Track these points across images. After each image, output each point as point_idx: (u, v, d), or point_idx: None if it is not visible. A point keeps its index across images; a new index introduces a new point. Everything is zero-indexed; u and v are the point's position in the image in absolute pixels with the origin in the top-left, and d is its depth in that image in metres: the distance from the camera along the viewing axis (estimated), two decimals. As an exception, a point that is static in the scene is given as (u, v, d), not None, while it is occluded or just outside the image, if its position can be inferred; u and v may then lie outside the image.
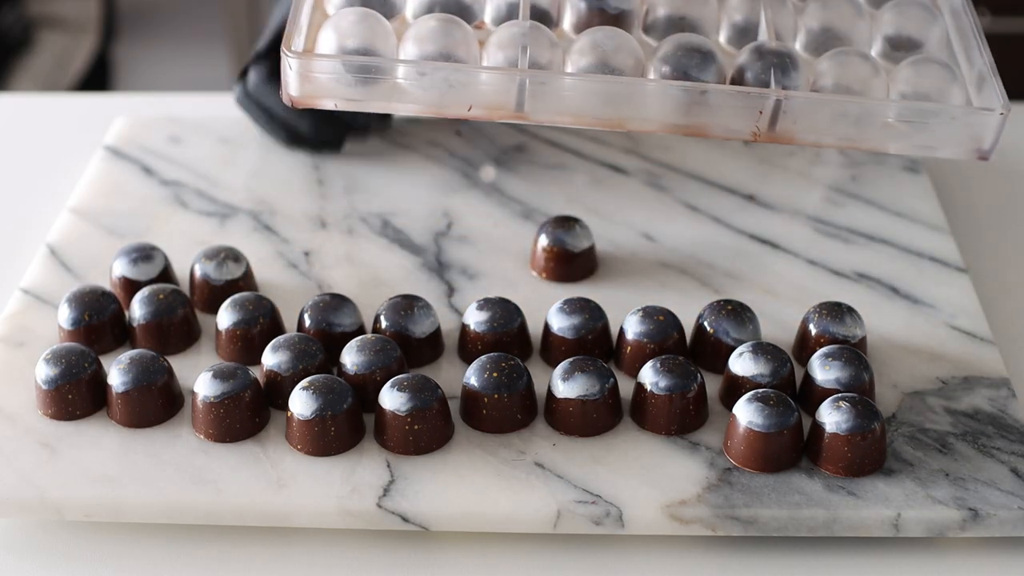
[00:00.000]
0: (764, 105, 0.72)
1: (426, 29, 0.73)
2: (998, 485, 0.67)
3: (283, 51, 0.71)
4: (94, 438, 0.70)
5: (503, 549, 0.67)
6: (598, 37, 0.74)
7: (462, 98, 0.72)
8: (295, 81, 0.72)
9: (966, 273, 0.82)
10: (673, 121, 0.73)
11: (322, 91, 0.72)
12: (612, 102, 0.72)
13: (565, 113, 0.73)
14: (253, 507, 0.67)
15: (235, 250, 0.80)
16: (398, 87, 0.71)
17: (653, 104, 0.73)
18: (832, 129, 0.73)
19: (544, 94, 0.72)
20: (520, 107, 0.72)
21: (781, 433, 0.67)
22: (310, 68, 0.71)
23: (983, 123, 0.72)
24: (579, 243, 0.81)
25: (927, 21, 0.79)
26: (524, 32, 0.73)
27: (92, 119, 1.02)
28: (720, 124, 0.73)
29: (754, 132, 0.73)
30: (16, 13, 1.94)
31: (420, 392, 0.68)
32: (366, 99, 0.72)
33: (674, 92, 0.72)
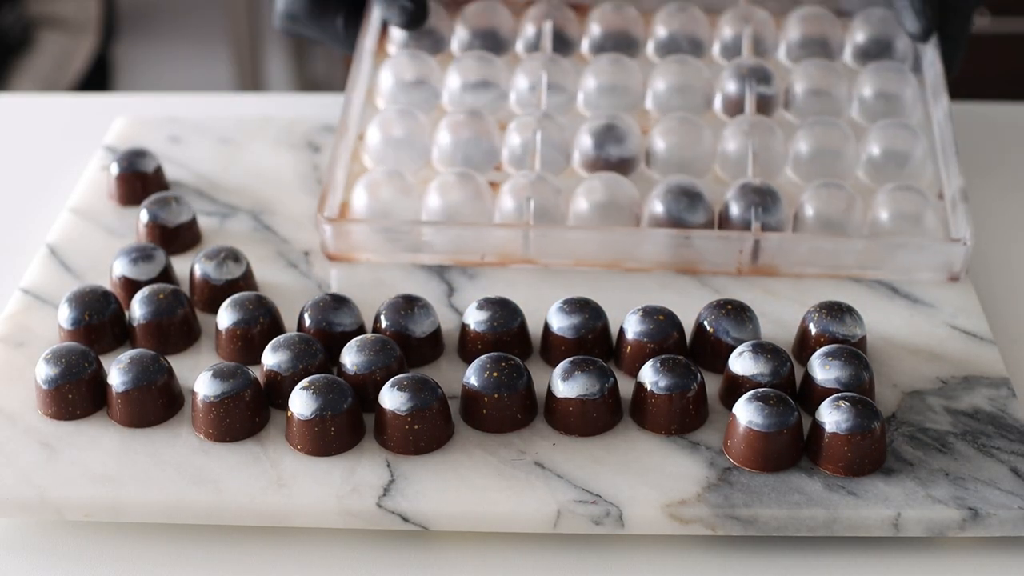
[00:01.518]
0: (743, 245, 0.80)
1: (446, 183, 0.83)
2: (998, 485, 0.67)
3: (318, 215, 0.80)
4: (94, 438, 0.70)
5: (503, 549, 0.67)
6: (595, 185, 0.83)
7: (477, 248, 0.82)
8: (331, 241, 0.81)
9: (966, 273, 0.82)
10: (665, 261, 0.81)
11: (357, 246, 0.82)
12: (608, 248, 0.81)
13: (568, 257, 0.82)
14: (253, 507, 0.67)
15: (235, 250, 0.80)
16: (422, 241, 0.81)
17: (645, 247, 0.81)
18: (812, 263, 0.81)
19: (548, 243, 0.81)
20: (527, 254, 0.82)
21: (781, 433, 0.67)
22: (342, 231, 0.81)
23: (951, 252, 0.80)
24: None
25: (912, 140, 0.86)
26: (531, 183, 0.82)
27: (92, 119, 1.02)
28: (707, 261, 0.81)
29: (738, 268, 0.81)
30: (16, 13, 1.94)
31: (420, 392, 0.69)
32: (394, 252, 0.82)
33: (662, 237, 0.80)
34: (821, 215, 0.82)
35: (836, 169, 0.86)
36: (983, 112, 1.03)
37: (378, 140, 0.87)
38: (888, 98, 0.90)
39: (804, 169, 0.86)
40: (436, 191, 0.83)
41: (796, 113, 0.90)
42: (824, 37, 0.94)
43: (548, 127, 0.86)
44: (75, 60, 1.97)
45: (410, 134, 0.87)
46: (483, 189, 0.83)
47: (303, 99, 1.10)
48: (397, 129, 0.87)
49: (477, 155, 0.87)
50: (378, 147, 0.88)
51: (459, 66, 0.92)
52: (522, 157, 0.86)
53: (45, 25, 1.97)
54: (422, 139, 0.88)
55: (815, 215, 0.82)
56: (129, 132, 0.96)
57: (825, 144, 0.86)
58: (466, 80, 0.91)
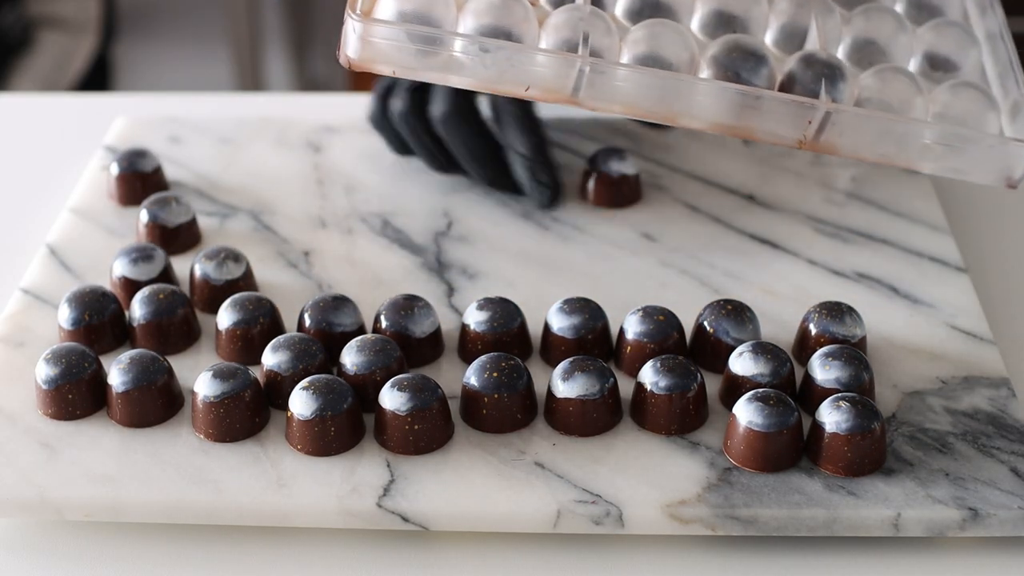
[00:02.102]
0: (814, 115, 0.73)
1: (486, 3, 0.73)
2: (998, 485, 0.67)
3: (348, 12, 0.71)
4: (94, 438, 0.70)
5: (503, 549, 0.67)
6: (655, 29, 0.75)
7: (520, 78, 0.72)
8: (355, 44, 0.72)
9: (966, 273, 0.82)
10: (722, 121, 0.74)
11: (381, 56, 0.72)
12: (665, 97, 0.73)
13: (618, 103, 0.73)
14: (253, 507, 0.67)
15: (235, 250, 0.80)
16: (456, 60, 0.72)
17: (705, 103, 0.73)
18: (874, 145, 0.75)
19: (601, 83, 0.73)
20: (576, 92, 0.73)
21: (781, 433, 0.67)
22: (372, 33, 0.71)
23: (1016, 154, 0.74)
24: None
25: (965, 44, 0.80)
26: (583, 17, 0.74)
27: (92, 119, 1.02)
28: (768, 129, 0.74)
29: (800, 140, 0.74)
30: (16, 13, 1.94)
31: (420, 392, 0.69)
32: (423, 69, 0.72)
33: (728, 94, 0.73)
34: (883, 100, 0.76)
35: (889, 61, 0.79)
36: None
37: None
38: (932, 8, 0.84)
39: (856, 58, 0.80)
40: (473, 13, 0.74)
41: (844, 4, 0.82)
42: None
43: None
44: (75, 60, 1.97)
45: None
46: (530, 14, 0.74)
47: (303, 99, 1.10)
48: None
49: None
50: None
51: None
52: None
53: (45, 25, 1.97)
54: None
55: (877, 99, 0.76)
56: (129, 132, 0.96)
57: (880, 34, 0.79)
58: None
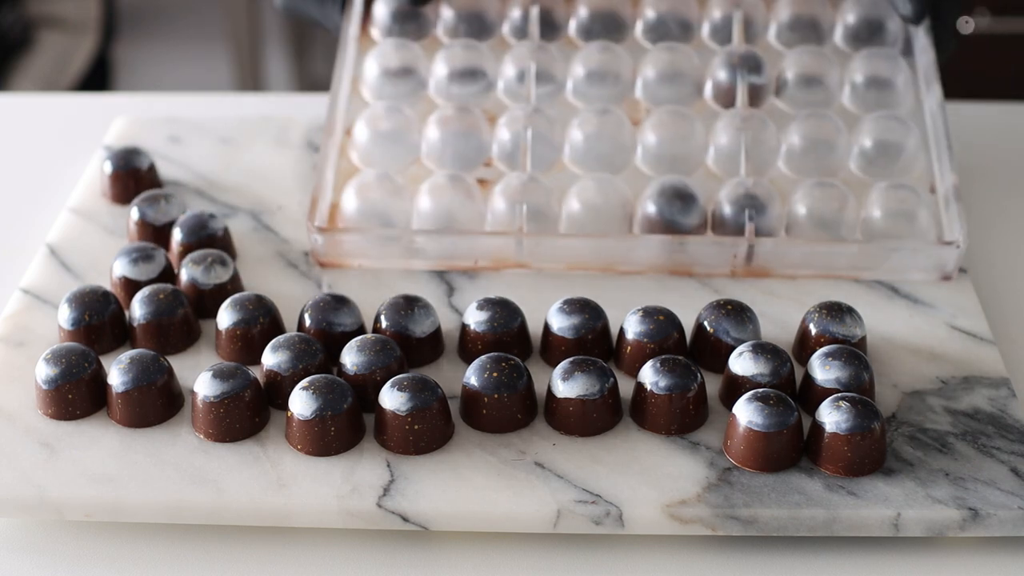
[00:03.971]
0: (737, 250, 0.80)
1: (437, 185, 0.83)
2: (998, 485, 0.67)
3: (308, 224, 0.80)
4: (94, 438, 0.70)
5: (503, 549, 0.67)
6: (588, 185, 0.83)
7: (469, 254, 0.82)
8: (322, 249, 0.81)
9: (966, 273, 0.82)
10: (659, 264, 0.81)
11: (347, 254, 0.82)
12: (602, 253, 0.81)
13: (562, 261, 0.82)
14: (253, 507, 0.67)
15: (221, 254, 0.80)
16: (413, 248, 0.81)
17: (639, 252, 0.81)
18: (806, 263, 0.81)
19: (542, 248, 0.81)
20: (520, 259, 0.82)
21: (781, 433, 0.67)
22: (335, 239, 0.81)
23: (944, 254, 0.80)
24: None
25: (905, 132, 0.86)
26: (523, 184, 0.82)
27: (92, 119, 1.01)
28: (701, 264, 0.81)
29: (732, 270, 0.81)
30: (16, 13, 1.94)
31: (420, 392, 0.69)
32: (386, 257, 0.81)
33: (656, 242, 0.80)
34: (814, 214, 0.82)
35: (828, 162, 0.85)
36: (983, 112, 1.03)
37: (366, 137, 0.87)
38: (880, 85, 0.89)
39: (797, 162, 0.86)
40: (427, 193, 0.83)
41: (788, 101, 0.89)
42: (815, 18, 0.93)
43: (538, 122, 0.86)
44: (75, 60, 1.97)
45: (398, 130, 0.87)
46: (474, 191, 0.83)
47: (303, 99, 1.10)
48: (385, 125, 0.87)
49: (467, 151, 0.86)
50: (366, 144, 0.87)
51: (445, 55, 0.91)
52: (512, 153, 0.86)
53: (45, 25, 1.97)
54: (410, 135, 0.87)
55: (808, 214, 0.82)
56: (129, 132, 0.96)
57: (817, 137, 0.85)
58: (453, 69, 0.90)
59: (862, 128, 0.86)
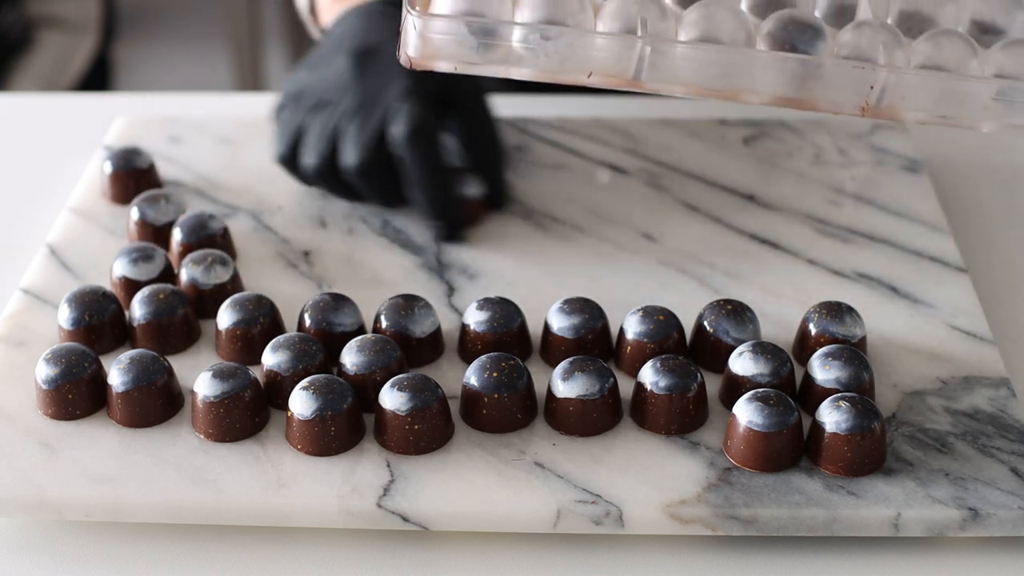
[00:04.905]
0: (875, 81, 0.73)
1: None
2: (998, 485, 0.67)
3: (407, 8, 0.71)
4: (94, 438, 0.70)
5: (503, 549, 0.67)
6: (709, 10, 0.74)
7: (581, 64, 0.72)
8: (415, 41, 0.71)
9: (966, 273, 0.82)
10: (784, 94, 0.73)
11: (441, 53, 0.72)
12: (727, 73, 0.73)
13: (680, 82, 0.73)
14: (253, 507, 0.67)
15: (222, 254, 0.80)
16: (516, 52, 0.72)
17: (767, 76, 0.73)
18: (935, 107, 0.74)
19: (662, 63, 0.72)
20: (638, 75, 0.73)
21: (781, 433, 0.67)
22: (431, 28, 0.71)
23: None
24: None
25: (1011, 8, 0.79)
26: (638, 2, 0.74)
27: (92, 119, 1.02)
28: (830, 98, 0.74)
29: (863, 107, 0.74)
30: (16, 13, 1.94)
31: (420, 392, 0.69)
32: (484, 63, 0.72)
33: (789, 65, 0.73)
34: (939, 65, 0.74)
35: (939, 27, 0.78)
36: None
37: None
38: None
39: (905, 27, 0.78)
40: (529, 4, 0.73)
41: None
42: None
43: None
44: (75, 60, 1.97)
45: None
46: (586, 4, 0.74)
47: (303, 99, 1.09)
48: None
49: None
50: None
51: None
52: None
53: (45, 25, 1.97)
54: None
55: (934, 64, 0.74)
56: (129, 132, 0.96)
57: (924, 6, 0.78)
58: None
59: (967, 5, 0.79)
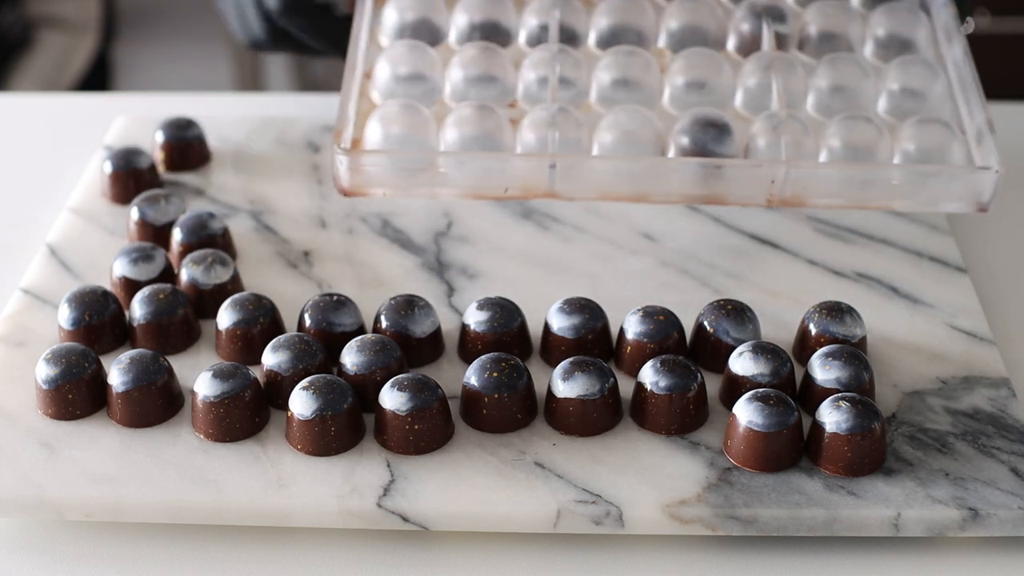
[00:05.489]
0: (775, 175, 0.78)
1: (464, 116, 0.80)
2: (998, 485, 0.67)
3: (333, 147, 0.77)
4: (94, 438, 0.70)
5: (503, 549, 0.67)
6: (621, 117, 0.80)
7: (499, 182, 0.78)
8: (346, 175, 0.77)
9: (966, 273, 0.82)
10: (693, 193, 0.79)
11: (371, 181, 0.78)
12: (635, 179, 0.79)
13: (593, 191, 0.79)
14: (253, 507, 0.67)
15: (222, 254, 0.80)
16: (440, 174, 0.78)
17: (673, 179, 0.79)
18: (841, 192, 0.79)
19: (573, 175, 0.78)
20: (551, 187, 0.79)
21: (781, 433, 0.67)
22: (359, 162, 0.77)
23: (981, 181, 0.78)
24: None
25: (930, 77, 0.85)
26: (553, 115, 0.79)
27: (92, 119, 1.02)
28: (736, 193, 0.79)
29: (768, 199, 0.79)
30: (16, 13, 1.94)
31: (420, 392, 0.69)
32: (411, 186, 0.78)
33: (692, 168, 0.78)
34: (849, 147, 0.80)
35: (856, 105, 0.84)
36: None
37: (387, 76, 0.85)
38: (902, 41, 0.88)
39: (825, 105, 0.84)
40: (454, 124, 0.80)
41: (811, 54, 0.88)
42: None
43: (564, 61, 0.84)
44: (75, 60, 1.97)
45: (420, 69, 0.84)
46: (503, 122, 0.80)
47: (303, 99, 1.10)
48: (405, 66, 0.85)
49: (491, 92, 0.84)
50: (387, 82, 0.85)
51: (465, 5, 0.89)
52: (538, 94, 0.84)
53: (45, 25, 1.97)
54: (432, 75, 0.85)
55: (843, 147, 0.80)
56: (129, 132, 0.96)
57: (845, 81, 0.84)
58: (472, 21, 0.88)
59: (888, 74, 0.85)
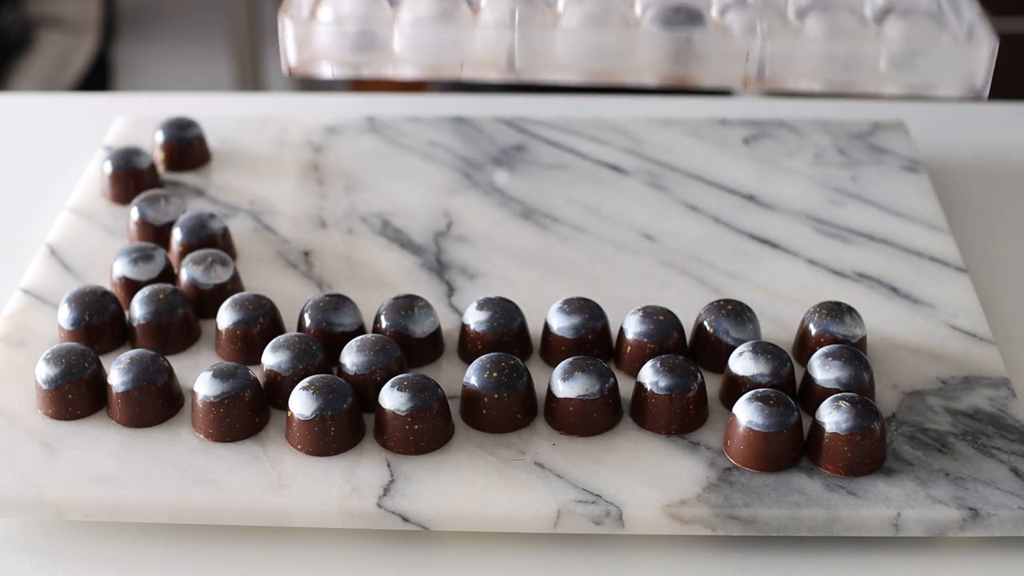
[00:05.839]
0: (751, 49, 0.74)
1: None
2: (998, 485, 0.67)
3: (281, 16, 0.72)
4: (94, 438, 0.70)
5: (503, 549, 0.67)
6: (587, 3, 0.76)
7: (454, 57, 0.74)
8: (293, 47, 0.73)
9: (966, 273, 0.82)
10: (664, 71, 0.75)
11: (320, 56, 0.74)
12: (602, 54, 0.74)
13: (556, 68, 0.74)
14: (253, 507, 0.67)
15: (221, 254, 0.80)
16: (393, 51, 0.73)
17: (642, 55, 0.74)
18: (823, 73, 0.74)
19: (534, 50, 0.74)
20: (511, 64, 0.74)
21: (781, 433, 0.67)
22: (309, 34, 0.73)
23: (973, 58, 0.73)
24: None
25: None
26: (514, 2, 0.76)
27: (92, 119, 1.02)
28: (710, 72, 0.75)
29: (744, 78, 0.75)
30: (16, 13, 1.94)
31: (420, 392, 0.69)
32: (363, 63, 0.74)
33: (661, 41, 0.74)
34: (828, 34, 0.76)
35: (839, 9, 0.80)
36: (983, 112, 1.03)
37: None
38: None
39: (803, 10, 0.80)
40: (408, 7, 0.76)
41: None
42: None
43: None
44: (75, 60, 1.97)
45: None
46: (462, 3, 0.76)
47: (303, 99, 1.10)
48: None
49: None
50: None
51: None
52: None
53: (45, 25, 1.98)
54: None
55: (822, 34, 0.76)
56: (129, 132, 0.96)
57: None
58: None
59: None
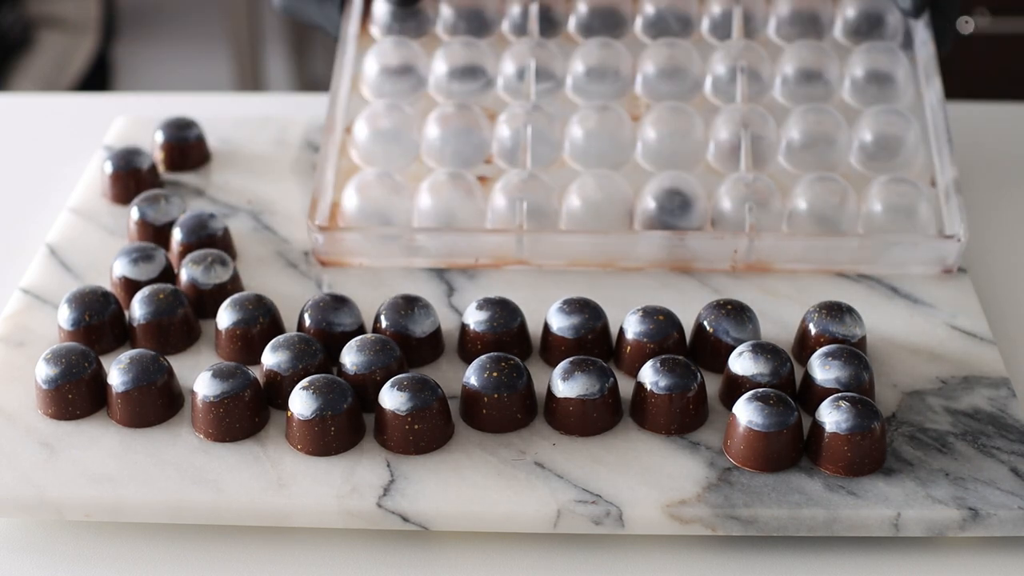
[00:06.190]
0: (738, 245, 0.81)
1: (437, 183, 0.83)
2: (998, 485, 0.67)
3: (309, 224, 0.81)
4: (94, 438, 0.70)
5: (503, 549, 0.67)
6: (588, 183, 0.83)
7: (470, 251, 0.81)
8: (323, 247, 0.82)
9: (966, 273, 0.82)
10: (659, 260, 0.82)
11: (348, 252, 0.82)
12: (602, 249, 0.82)
13: (562, 258, 0.82)
14: (253, 507, 0.67)
15: (221, 254, 0.80)
16: (415, 245, 0.81)
17: (640, 248, 0.81)
18: (806, 258, 0.81)
19: (542, 245, 0.81)
20: (521, 256, 0.82)
21: (781, 433, 0.67)
22: (335, 237, 0.81)
23: (945, 248, 0.80)
24: None
25: (904, 126, 0.86)
26: (523, 181, 0.83)
27: (92, 119, 1.02)
28: (701, 260, 0.82)
29: (732, 266, 0.82)
30: (16, 13, 1.94)
31: (420, 392, 0.69)
32: (387, 256, 0.82)
33: (656, 239, 0.81)
34: (815, 209, 0.82)
35: (829, 156, 0.85)
36: (983, 112, 1.03)
37: (366, 135, 0.87)
38: (880, 79, 0.89)
39: (797, 157, 0.86)
40: (427, 191, 0.83)
41: (788, 95, 0.89)
42: (814, 13, 0.93)
43: (538, 119, 0.86)
44: (75, 60, 1.97)
45: (398, 128, 0.87)
46: (475, 189, 0.83)
47: (303, 99, 1.10)
48: (385, 123, 0.87)
49: (467, 149, 0.87)
50: (366, 142, 0.87)
51: (445, 52, 0.91)
52: (512, 150, 0.86)
53: (45, 25, 1.97)
54: (410, 133, 0.87)
55: (809, 209, 0.82)
56: (129, 132, 0.96)
57: (817, 131, 0.86)
58: (452, 66, 0.91)
59: (862, 123, 0.87)
